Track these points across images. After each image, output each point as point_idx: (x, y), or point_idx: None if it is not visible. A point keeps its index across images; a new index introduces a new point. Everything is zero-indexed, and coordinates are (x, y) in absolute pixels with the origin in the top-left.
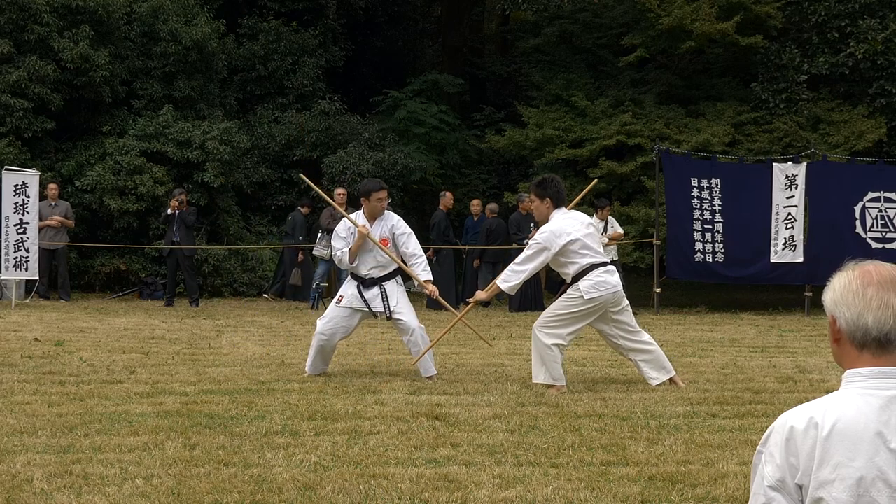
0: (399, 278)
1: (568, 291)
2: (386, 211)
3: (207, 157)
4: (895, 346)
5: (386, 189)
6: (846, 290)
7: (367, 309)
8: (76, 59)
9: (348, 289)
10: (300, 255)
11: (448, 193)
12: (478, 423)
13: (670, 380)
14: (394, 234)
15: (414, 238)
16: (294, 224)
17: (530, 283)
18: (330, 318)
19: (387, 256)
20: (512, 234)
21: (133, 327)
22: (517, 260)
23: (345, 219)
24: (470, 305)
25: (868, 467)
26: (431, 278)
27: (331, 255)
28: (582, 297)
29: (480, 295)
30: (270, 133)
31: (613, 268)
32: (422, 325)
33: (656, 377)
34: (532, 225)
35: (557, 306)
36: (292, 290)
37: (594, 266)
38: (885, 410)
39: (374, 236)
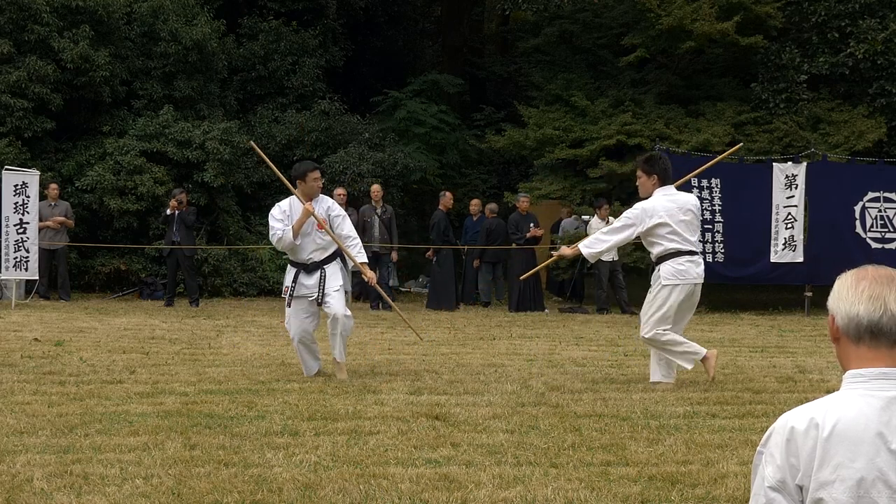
0: (339, 260)
1: (652, 286)
2: (321, 194)
3: (207, 157)
4: (888, 339)
5: (319, 169)
6: (842, 287)
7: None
8: (76, 59)
9: (288, 280)
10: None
11: (448, 193)
12: (478, 423)
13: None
14: (329, 215)
15: (349, 220)
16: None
17: (530, 282)
18: (290, 318)
19: (327, 238)
20: (511, 233)
21: (133, 327)
22: (605, 229)
23: (279, 204)
24: (554, 258)
25: (868, 468)
26: (367, 260)
27: None
28: (661, 284)
29: (566, 251)
30: (270, 133)
31: (699, 258)
32: (349, 314)
33: (658, 377)
34: (532, 224)
35: (648, 305)
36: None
37: (679, 253)
38: (886, 411)
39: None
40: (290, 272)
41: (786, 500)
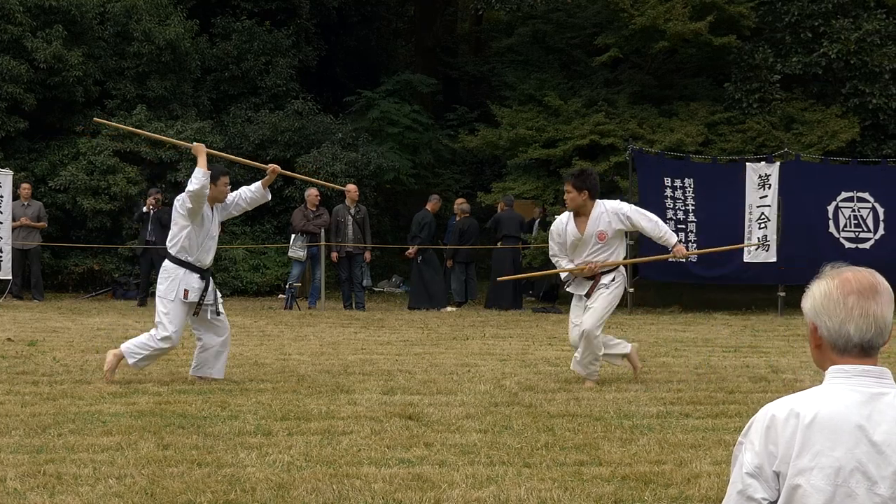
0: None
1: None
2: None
3: (181, 156)
4: (876, 351)
5: (229, 174)
6: (827, 300)
7: (199, 303)
8: (49, 58)
9: (192, 282)
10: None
11: (437, 196)
12: (451, 422)
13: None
14: (235, 201)
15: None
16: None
17: (511, 281)
18: (179, 319)
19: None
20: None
21: (106, 327)
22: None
23: None
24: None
25: (847, 458)
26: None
27: (306, 257)
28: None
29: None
30: (244, 133)
31: None
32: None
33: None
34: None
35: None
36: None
37: None
38: (867, 405)
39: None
40: (191, 276)
41: (762, 486)
